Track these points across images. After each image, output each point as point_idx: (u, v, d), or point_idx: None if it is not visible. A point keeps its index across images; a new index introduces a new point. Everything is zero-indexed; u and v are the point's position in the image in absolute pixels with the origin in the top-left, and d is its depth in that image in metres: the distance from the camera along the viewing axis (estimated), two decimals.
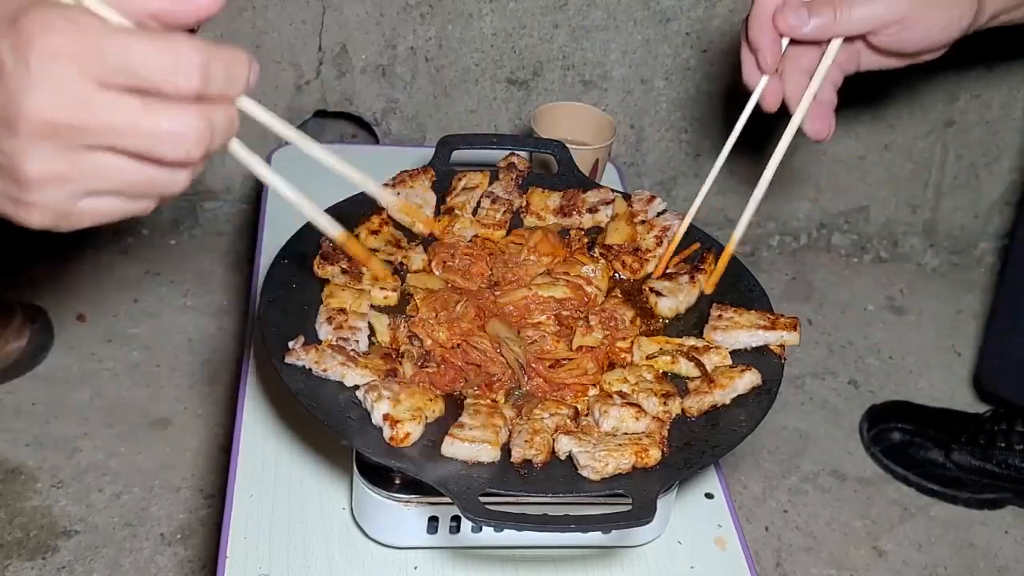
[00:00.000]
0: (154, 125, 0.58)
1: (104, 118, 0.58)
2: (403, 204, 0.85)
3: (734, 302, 1.09)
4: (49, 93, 0.56)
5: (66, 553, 1.58)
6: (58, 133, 0.58)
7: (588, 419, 0.96)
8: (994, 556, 1.74)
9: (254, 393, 1.18)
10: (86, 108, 0.57)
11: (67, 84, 0.57)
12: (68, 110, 0.57)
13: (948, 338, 2.17)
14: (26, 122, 0.57)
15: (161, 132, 0.58)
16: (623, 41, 1.99)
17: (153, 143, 0.59)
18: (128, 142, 0.59)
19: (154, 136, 0.58)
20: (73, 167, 0.59)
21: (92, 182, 0.60)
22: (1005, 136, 2.21)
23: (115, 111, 0.58)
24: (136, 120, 0.58)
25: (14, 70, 0.56)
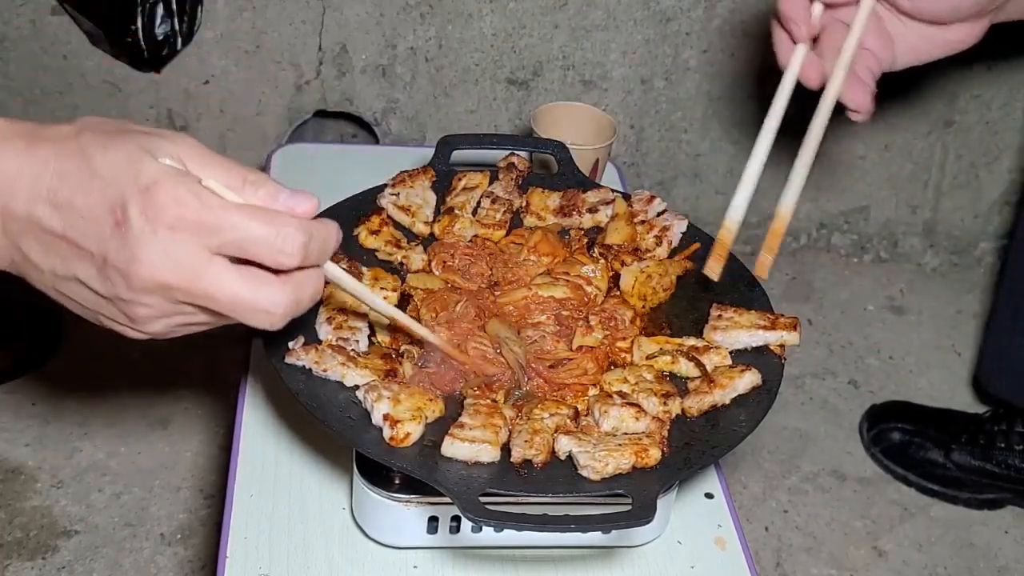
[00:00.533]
0: (251, 301, 0.67)
1: (209, 289, 0.66)
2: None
3: (734, 302, 1.09)
4: (167, 259, 0.65)
5: (66, 553, 1.58)
6: (167, 292, 0.66)
7: (588, 419, 0.96)
8: (994, 556, 1.74)
9: (254, 393, 1.18)
10: (196, 277, 0.66)
11: (184, 254, 0.65)
12: (180, 276, 0.65)
13: (948, 338, 2.17)
14: (142, 279, 0.65)
15: (257, 308, 0.68)
16: (623, 41, 1.99)
17: (247, 315, 0.69)
18: (224, 309, 0.68)
19: (249, 310, 0.68)
20: (174, 312, 0.69)
21: (187, 319, 0.70)
22: (1005, 136, 2.21)
23: (221, 284, 0.67)
24: (235, 294, 0.67)
25: (140, 234, 0.64)
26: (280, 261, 0.67)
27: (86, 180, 0.66)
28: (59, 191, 0.66)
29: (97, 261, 0.66)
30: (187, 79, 1.93)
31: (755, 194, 1.04)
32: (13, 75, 1.91)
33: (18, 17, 1.87)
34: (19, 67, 1.91)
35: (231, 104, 1.99)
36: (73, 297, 0.71)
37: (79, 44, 1.90)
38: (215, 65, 1.93)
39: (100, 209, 0.65)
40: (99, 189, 0.65)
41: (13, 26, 1.87)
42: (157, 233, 0.64)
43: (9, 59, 1.90)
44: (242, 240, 0.66)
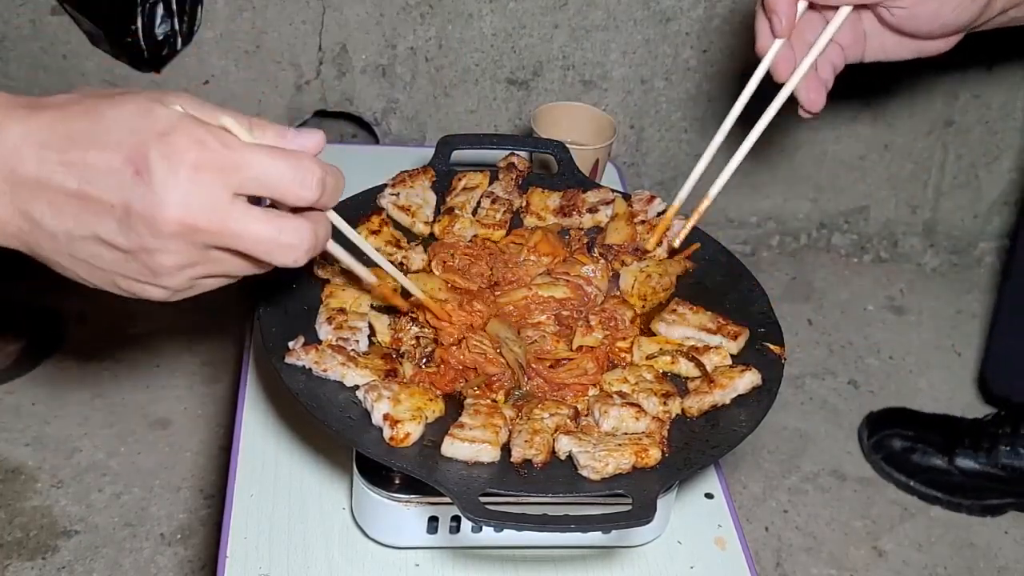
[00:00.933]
0: (275, 236, 0.68)
1: (233, 227, 0.67)
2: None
3: (733, 301, 1.09)
4: (191, 200, 0.65)
5: (66, 553, 1.58)
6: (193, 234, 0.66)
7: (588, 419, 0.96)
8: (994, 556, 1.74)
9: (254, 393, 1.18)
10: (220, 216, 0.66)
11: (208, 194, 0.66)
12: (205, 217, 0.66)
13: (948, 338, 2.17)
14: (167, 224, 0.65)
15: (281, 244, 0.69)
16: (623, 41, 1.99)
17: (271, 252, 0.69)
18: (249, 248, 0.69)
19: (274, 246, 0.69)
20: (199, 259, 0.69)
21: (210, 270, 0.70)
22: (1005, 136, 2.21)
23: (244, 221, 0.67)
24: (260, 232, 0.68)
25: (164, 178, 0.65)
26: (301, 195, 0.69)
27: (99, 135, 0.66)
28: (70, 150, 0.66)
29: (118, 213, 0.66)
30: (187, 79, 1.93)
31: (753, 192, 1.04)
32: (13, 75, 1.91)
33: (18, 17, 1.87)
34: (19, 67, 1.91)
35: (231, 104, 1.98)
36: (89, 260, 0.69)
37: (79, 44, 1.90)
38: (215, 65, 1.93)
39: (117, 160, 0.65)
40: (114, 141, 0.65)
41: (13, 26, 1.87)
42: (180, 175, 0.65)
43: (9, 59, 1.90)
44: (264, 177, 0.67)
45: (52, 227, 0.68)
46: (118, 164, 0.65)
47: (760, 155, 2.15)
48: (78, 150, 0.66)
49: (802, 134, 2.17)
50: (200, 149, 0.65)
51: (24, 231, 0.69)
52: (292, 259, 0.70)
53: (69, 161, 0.66)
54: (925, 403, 1.99)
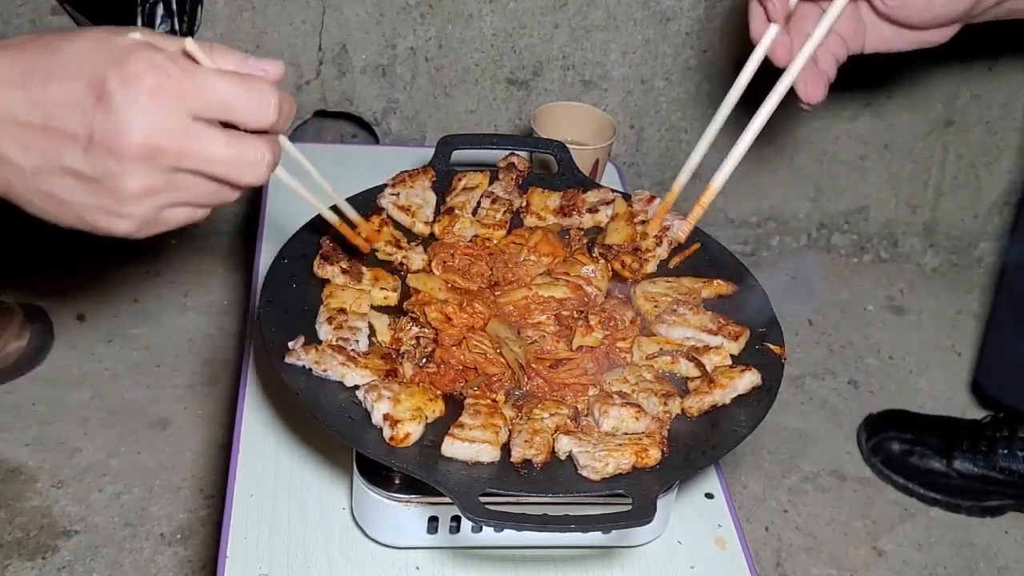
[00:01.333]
0: (238, 154, 0.70)
1: (197, 146, 0.69)
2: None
3: (734, 301, 1.09)
4: (152, 123, 0.67)
5: (66, 553, 1.58)
6: (156, 157, 0.68)
7: (588, 419, 0.96)
8: (994, 556, 1.74)
9: (254, 393, 1.18)
10: (182, 137, 0.68)
11: (168, 116, 0.67)
12: (167, 138, 0.67)
13: (948, 338, 2.17)
14: (129, 147, 0.67)
15: (243, 160, 0.71)
16: (623, 41, 1.99)
17: (235, 170, 0.71)
18: (214, 168, 0.70)
19: (237, 163, 0.70)
20: (164, 185, 0.70)
21: (176, 196, 0.71)
22: (1005, 136, 2.21)
23: (206, 141, 0.69)
24: (223, 150, 0.70)
25: (123, 102, 0.66)
26: (259, 117, 0.71)
27: (57, 67, 0.67)
28: (31, 85, 0.67)
29: (82, 141, 0.67)
30: None
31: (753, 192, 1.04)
32: None
33: (18, 17, 1.87)
34: None
35: None
36: (57, 194, 0.70)
37: None
38: None
39: (78, 90, 0.67)
40: (72, 72, 0.67)
41: (13, 26, 1.87)
42: (139, 100, 0.66)
43: None
44: (222, 100, 0.69)
45: (20, 162, 0.69)
46: (79, 94, 0.67)
47: (760, 155, 2.15)
48: (39, 84, 0.67)
49: (802, 134, 2.17)
50: (158, 73, 0.67)
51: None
52: (255, 176, 0.72)
53: (31, 95, 0.67)
54: (925, 403, 1.99)
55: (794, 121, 2.12)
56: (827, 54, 0.97)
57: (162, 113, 0.67)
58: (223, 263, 2.12)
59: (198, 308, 2.02)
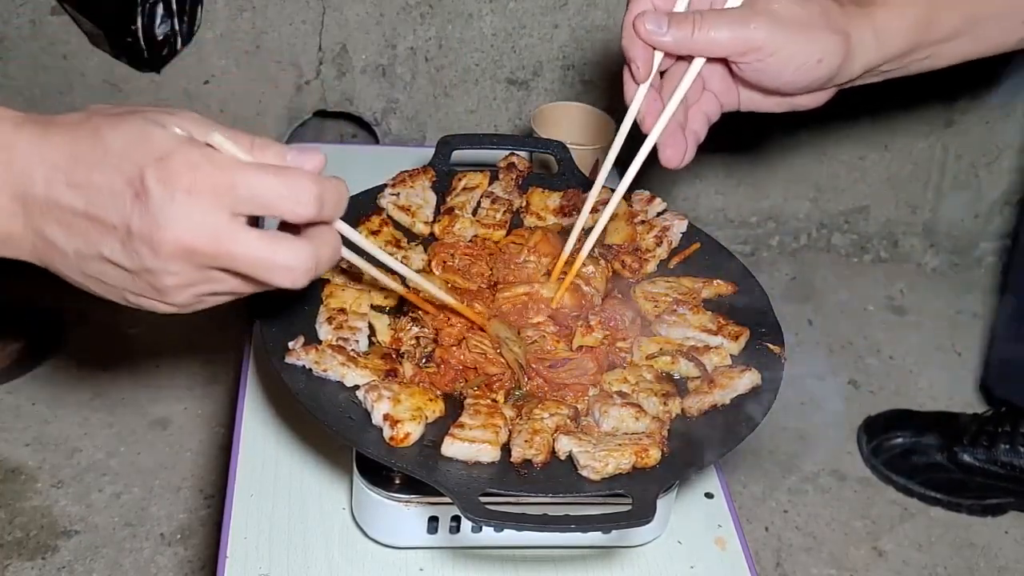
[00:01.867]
0: (272, 259, 0.69)
1: (232, 249, 0.68)
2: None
3: (734, 301, 1.09)
4: (189, 223, 0.67)
5: (66, 553, 1.58)
6: (191, 256, 0.68)
7: (588, 419, 0.96)
8: (994, 556, 1.74)
9: (254, 393, 1.18)
10: (218, 238, 0.68)
11: (205, 216, 0.67)
12: (203, 239, 0.67)
13: (948, 338, 2.17)
14: (167, 245, 0.67)
15: (277, 264, 0.70)
16: None
17: (269, 274, 0.70)
18: (247, 270, 0.70)
19: (271, 269, 0.70)
20: (200, 280, 0.70)
21: (213, 288, 0.72)
22: (1005, 136, 2.21)
23: (242, 243, 0.68)
24: (258, 254, 0.69)
25: (161, 201, 0.66)
26: (297, 212, 0.69)
27: (101, 157, 0.68)
28: (76, 171, 0.68)
29: (121, 234, 0.68)
30: (187, 79, 1.93)
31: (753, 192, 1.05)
32: (13, 75, 1.91)
33: (18, 17, 1.87)
34: (19, 67, 1.91)
35: (231, 104, 1.99)
36: (99, 276, 0.72)
37: (79, 44, 1.90)
38: (215, 65, 1.93)
39: (119, 183, 0.67)
40: (115, 164, 0.67)
41: (13, 26, 1.87)
42: (176, 198, 0.66)
43: (9, 59, 1.90)
44: (258, 196, 0.68)
45: (63, 245, 0.70)
46: (119, 187, 0.67)
47: (760, 155, 2.15)
48: (83, 171, 0.68)
49: (802, 134, 2.17)
50: (195, 172, 0.67)
51: (38, 248, 0.72)
52: (290, 280, 0.71)
53: (75, 182, 0.68)
54: (925, 403, 2.00)
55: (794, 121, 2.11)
56: (698, 114, 0.96)
57: (197, 213, 0.67)
58: None
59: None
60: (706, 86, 0.95)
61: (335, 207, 0.72)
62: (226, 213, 0.68)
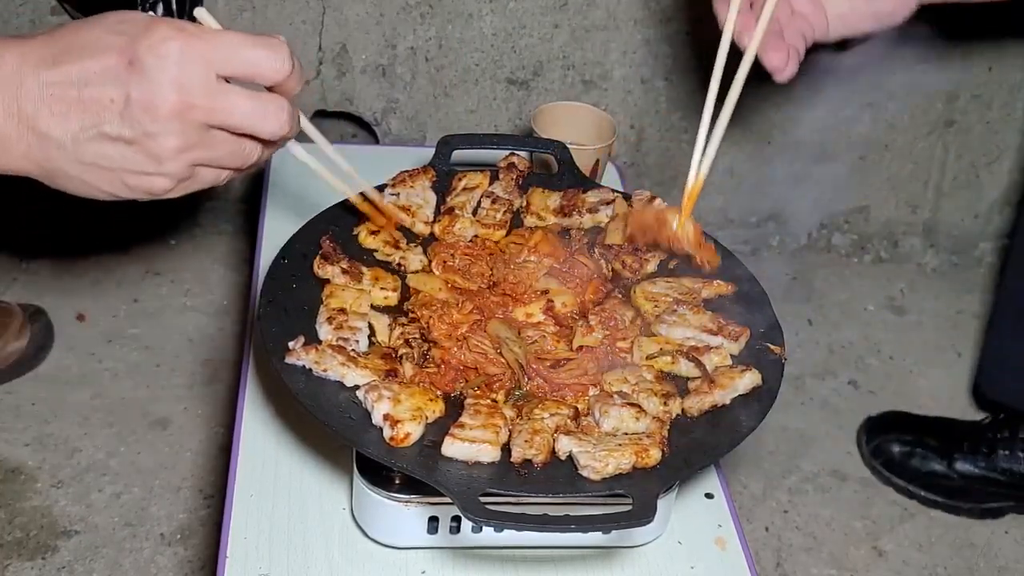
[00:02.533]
0: (260, 107, 0.76)
1: (224, 101, 0.74)
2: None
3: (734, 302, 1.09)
4: (183, 82, 0.73)
5: (66, 553, 1.58)
6: (189, 113, 0.73)
7: (588, 419, 0.96)
8: (994, 556, 1.74)
9: (254, 393, 1.18)
10: (211, 93, 0.74)
11: (197, 75, 0.73)
12: (198, 95, 0.73)
13: (948, 338, 2.16)
14: (165, 105, 0.73)
15: (268, 112, 0.77)
16: (623, 41, 1.99)
17: (260, 121, 0.77)
18: (240, 120, 0.76)
19: (260, 115, 0.76)
20: (197, 141, 0.75)
21: (207, 153, 0.76)
22: (1005, 136, 2.21)
23: (232, 96, 0.75)
24: (247, 103, 0.75)
25: (154, 64, 0.72)
26: (276, 69, 0.76)
27: (88, 44, 0.73)
28: (64, 63, 0.73)
29: (119, 106, 0.72)
30: None
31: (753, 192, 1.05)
32: None
33: (18, 17, 1.87)
34: None
35: None
36: (97, 161, 0.75)
37: None
38: None
39: (111, 59, 0.72)
40: (103, 46, 0.73)
41: (13, 26, 1.87)
42: (169, 62, 0.72)
43: None
44: (241, 56, 0.75)
45: (59, 135, 0.73)
46: (112, 62, 0.72)
47: (760, 155, 2.15)
48: (72, 61, 0.73)
49: (802, 134, 2.17)
50: (183, 36, 0.73)
51: (33, 147, 0.74)
52: (277, 125, 0.77)
53: (66, 72, 0.72)
54: (925, 403, 1.99)
55: (794, 122, 2.11)
56: (794, 31, 0.99)
57: (191, 72, 0.72)
58: (223, 263, 2.12)
59: (198, 308, 2.02)
60: (794, 8, 0.97)
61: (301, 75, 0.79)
62: (214, 73, 0.74)
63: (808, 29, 0.99)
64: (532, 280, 1.10)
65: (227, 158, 0.78)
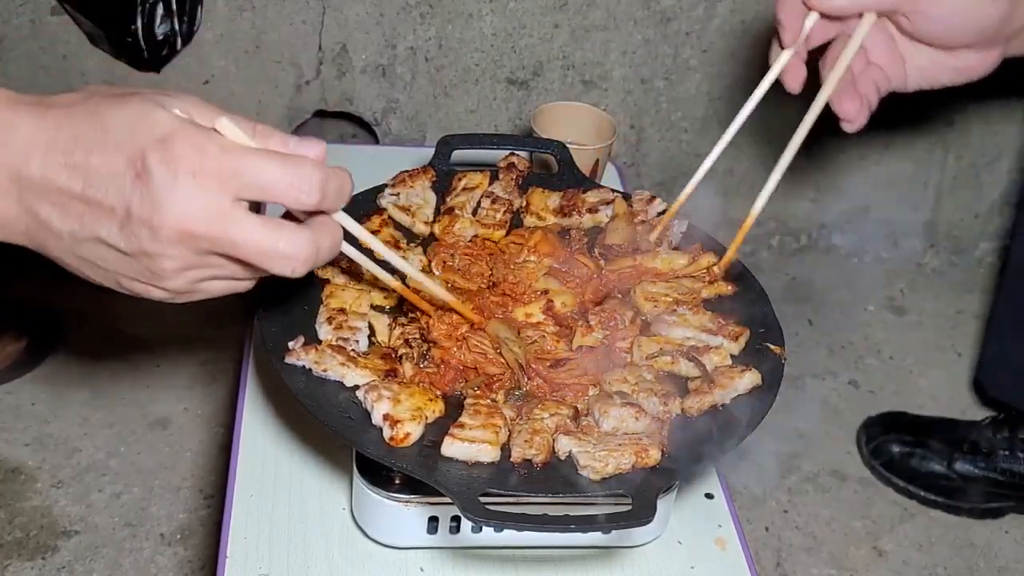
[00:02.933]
0: (274, 246, 0.68)
1: (233, 234, 0.67)
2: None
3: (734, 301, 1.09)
4: (189, 207, 0.66)
5: (66, 553, 1.58)
6: (191, 240, 0.67)
7: (588, 419, 0.96)
8: (994, 556, 1.74)
9: (254, 393, 1.18)
10: (219, 223, 0.67)
11: (206, 200, 0.66)
12: (205, 223, 0.66)
13: (948, 338, 2.17)
14: (167, 228, 0.66)
15: (278, 253, 0.69)
16: (623, 41, 1.99)
17: (269, 262, 0.69)
18: (248, 257, 0.69)
19: (271, 256, 0.69)
20: (199, 264, 0.69)
21: (211, 273, 0.71)
22: (1005, 136, 2.21)
23: (243, 230, 0.67)
24: (259, 241, 0.68)
25: (163, 183, 0.65)
26: (300, 200, 0.69)
27: (100, 138, 0.66)
28: (74, 152, 0.67)
29: (119, 217, 0.67)
30: (187, 79, 1.93)
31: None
32: (13, 75, 1.91)
33: (18, 17, 1.87)
34: (19, 67, 1.91)
35: (231, 104, 1.99)
36: (93, 260, 0.70)
37: (79, 44, 1.90)
38: (215, 65, 1.93)
39: (119, 164, 0.66)
40: (115, 145, 0.66)
41: (13, 26, 1.87)
42: (179, 181, 0.65)
43: (9, 59, 1.90)
44: (262, 182, 0.67)
45: (58, 227, 0.69)
46: (119, 168, 0.66)
47: (760, 155, 2.15)
48: (82, 152, 0.66)
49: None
50: (199, 155, 0.66)
51: (32, 230, 0.70)
52: (290, 269, 0.70)
53: (73, 163, 0.67)
54: (925, 403, 2.00)
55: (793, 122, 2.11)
56: (867, 80, 0.96)
57: (200, 196, 0.66)
58: None
59: (198, 308, 2.01)
60: (870, 59, 0.95)
61: (338, 197, 0.71)
62: (229, 198, 0.67)
63: (884, 80, 0.96)
64: (532, 280, 1.10)
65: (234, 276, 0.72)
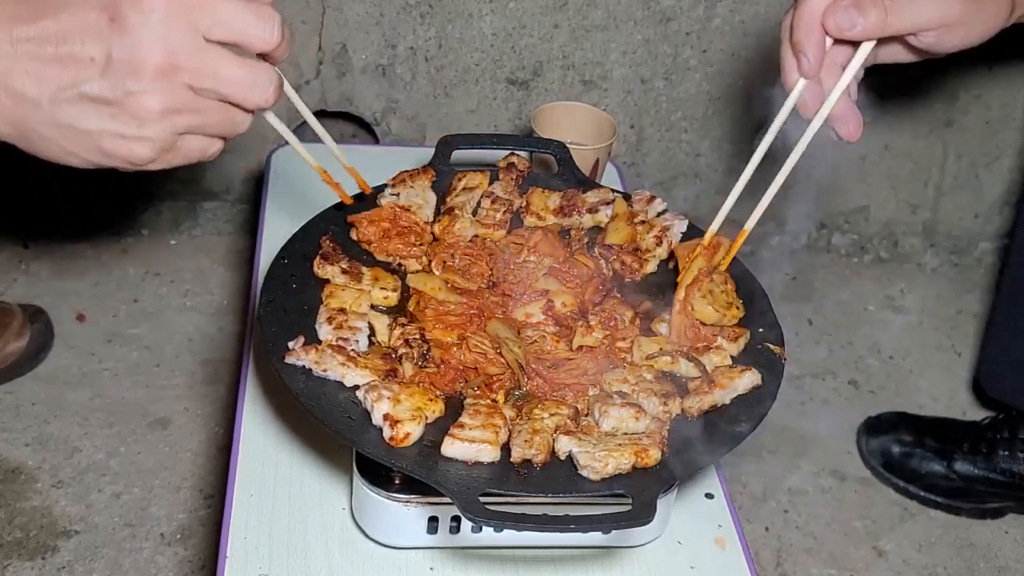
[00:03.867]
0: (249, 75, 0.73)
1: (212, 64, 0.71)
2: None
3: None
4: (169, 41, 0.69)
5: (66, 553, 1.58)
6: (174, 74, 0.70)
7: (588, 419, 0.96)
8: (994, 556, 1.74)
9: (254, 393, 1.18)
10: (198, 55, 0.70)
11: (182, 35, 0.70)
12: (184, 56, 0.70)
13: (948, 338, 2.17)
14: (149, 64, 0.69)
15: (255, 82, 0.73)
16: (623, 41, 1.99)
17: (246, 90, 0.73)
18: (227, 87, 0.72)
19: (248, 84, 0.73)
20: (182, 104, 0.72)
21: (192, 119, 0.73)
22: (1005, 136, 2.21)
23: (220, 60, 0.72)
24: (235, 70, 0.72)
25: (138, 23, 0.68)
26: (265, 37, 0.73)
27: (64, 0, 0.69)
28: (42, 18, 0.69)
29: (100, 64, 0.69)
30: None
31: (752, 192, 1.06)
32: None
33: None
34: None
35: None
36: (74, 123, 0.71)
37: None
38: None
39: (91, 15, 0.68)
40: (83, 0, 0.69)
41: None
42: (154, 18, 0.69)
43: None
44: (230, 19, 0.71)
45: (35, 95, 0.70)
46: (92, 18, 0.68)
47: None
48: (50, 16, 0.69)
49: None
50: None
51: (7, 107, 0.71)
52: (264, 96, 0.74)
53: (42, 28, 0.69)
54: (925, 403, 2.00)
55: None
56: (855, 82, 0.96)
57: (176, 32, 0.69)
58: (223, 263, 2.12)
59: (198, 308, 2.02)
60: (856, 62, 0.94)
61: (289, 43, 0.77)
62: (200, 35, 0.70)
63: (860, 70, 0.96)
64: (532, 280, 1.10)
65: (213, 126, 0.75)
